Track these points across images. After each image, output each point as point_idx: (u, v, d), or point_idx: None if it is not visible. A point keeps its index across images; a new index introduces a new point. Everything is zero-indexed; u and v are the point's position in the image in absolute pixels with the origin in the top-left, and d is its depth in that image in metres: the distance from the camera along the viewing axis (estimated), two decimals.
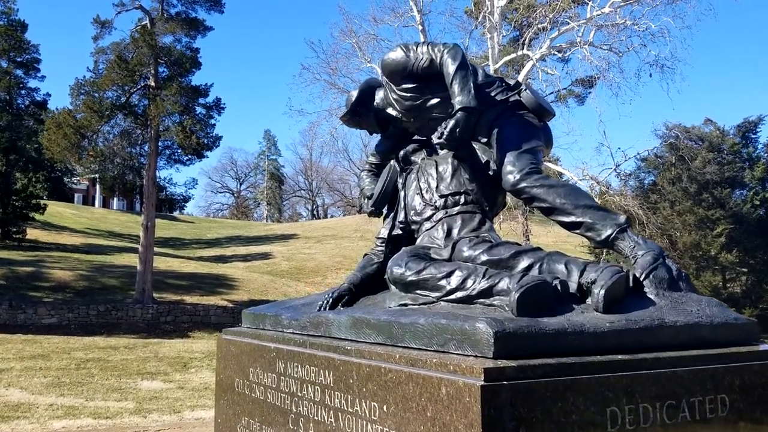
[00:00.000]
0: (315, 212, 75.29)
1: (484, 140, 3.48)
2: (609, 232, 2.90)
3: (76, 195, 61.85)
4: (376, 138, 4.18)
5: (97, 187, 59.00)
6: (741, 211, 32.06)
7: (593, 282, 2.47)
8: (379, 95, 3.79)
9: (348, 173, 61.59)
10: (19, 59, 34.21)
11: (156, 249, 27.64)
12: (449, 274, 2.70)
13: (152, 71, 25.62)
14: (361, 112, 3.82)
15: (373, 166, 4.12)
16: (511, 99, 3.48)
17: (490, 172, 3.34)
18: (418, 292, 2.80)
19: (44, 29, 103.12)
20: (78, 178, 53.89)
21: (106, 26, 26.11)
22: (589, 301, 2.48)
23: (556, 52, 23.50)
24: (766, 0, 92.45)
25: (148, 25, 25.50)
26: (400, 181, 3.72)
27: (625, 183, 28.49)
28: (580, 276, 2.56)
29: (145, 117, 25.37)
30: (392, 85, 3.61)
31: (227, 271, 30.78)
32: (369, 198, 3.87)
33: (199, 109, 26.36)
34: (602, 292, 2.37)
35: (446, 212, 3.36)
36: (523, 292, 2.31)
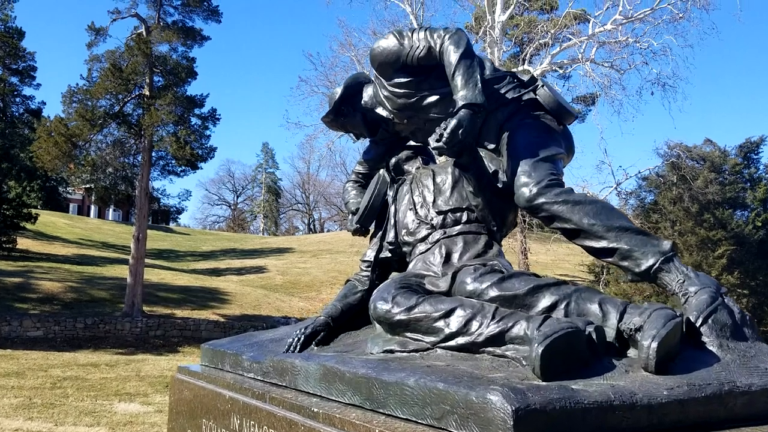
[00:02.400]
0: (312, 226, 74.67)
1: (492, 146, 2.89)
2: (651, 261, 2.30)
3: (71, 205, 61.34)
4: (366, 145, 3.58)
5: (93, 196, 58.47)
6: (743, 232, 31.69)
7: (638, 329, 1.88)
8: (368, 92, 3.20)
9: (345, 181, 61.00)
10: (14, 66, 33.77)
11: (149, 261, 27.05)
12: (448, 313, 2.11)
13: (147, 80, 25.16)
14: (346, 112, 3.22)
15: (360, 176, 3.52)
16: (525, 97, 2.89)
17: (499, 185, 2.75)
18: (409, 335, 2.20)
19: (40, 36, 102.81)
20: (73, 188, 53.36)
21: (100, 34, 25.70)
22: (631, 353, 1.88)
23: (557, 68, 23.31)
24: None
25: (144, 33, 25.06)
26: (390, 193, 3.12)
27: (625, 202, 28.10)
28: (620, 320, 1.97)
29: (138, 126, 24.87)
30: (383, 80, 3.02)
31: (220, 284, 30.19)
32: (354, 213, 3.27)
33: (194, 120, 25.88)
34: (654, 345, 1.77)
35: (445, 232, 2.77)
36: (549, 344, 1.71)
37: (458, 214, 2.80)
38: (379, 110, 3.14)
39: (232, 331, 22.78)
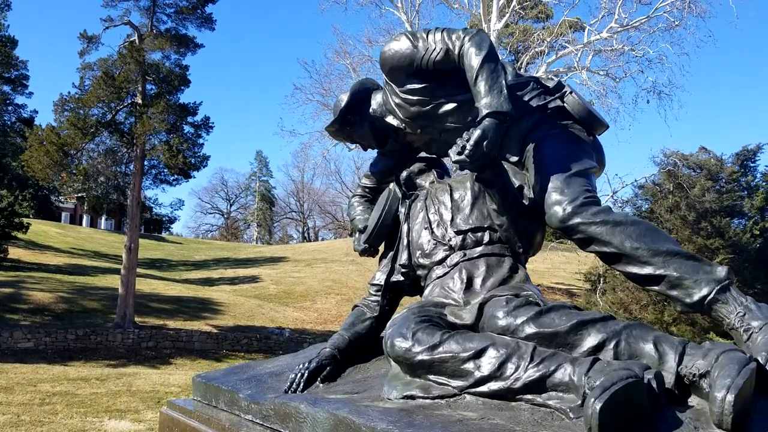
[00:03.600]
0: (306, 234, 74.27)
1: (515, 159, 2.62)
2: (704, 291, 2.03)
3: (63, 214, 60.97)
4: (371, 157, 3.30)
5: (85, 206, 58.10)
6: (740, 240, 31.61)
7: (703, 375, 1.60)
8: (377, 100, 2.92)
9: (340, 195, 60.91)
10: (6, 75, 33.50)
11: (141, 271, 26.69)
12: (479, 353, 1.83)
13: (139, 88, 24.90)
14: (353, 120, 2.93)
15: (368, 190, 3.23)
16: (551, 105, 2.63)
17: (525, 201, 2.48)
18: (432, 377, 1.92)
19: (32, 44, 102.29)
20: (65, 197, 52.99)
21: (93, 41, 25.50)
22: (693, 401, 1.60)
23: (553, 77, 23.18)
24: (766, 26, 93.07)
25: (137, 41, 24.82)
26: (402, 210, 2.84)
27: (621, 210, 27.95)
28: (679, 362, 1.70)
29: (131, 135, 24.58)
30: (394, 86, 2.74)
31: (213, 294, 29.84)
32: (361, 232, 2.98)
33: (187, 128, 25.59)
34: (731, 398, 1.49)
35: (464, 254, 2.49)
36: (608, 399, 1.44)
37: (479, 234, 2.52)
38: (389, 119, 2.86)
39: (225, 343, 22.51)
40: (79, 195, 36.32)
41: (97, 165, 25.71)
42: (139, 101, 24.84)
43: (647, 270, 2.12)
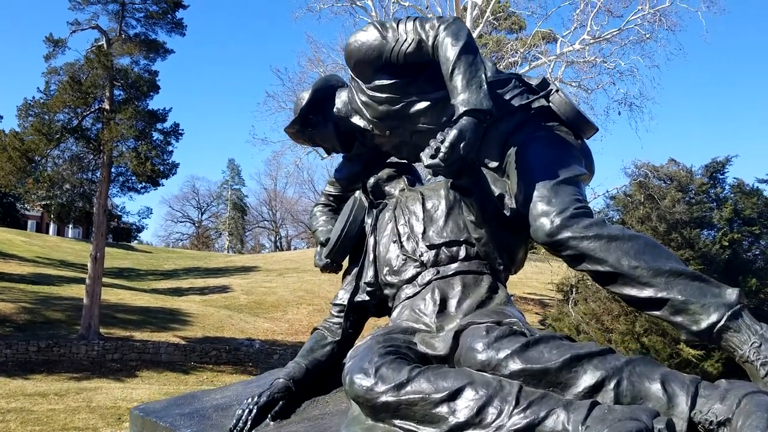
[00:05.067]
0: (278, 243, 73.70)
1: (494, 164, 2.34)
2: (713, 318, 1.77)
3: (29, 222, 59.81)
4: (338, 162, 3.01)
5: (52, 214, 57.12)
6: (710, 251, 31.88)
7: (723, 423, 1.33)
8: (342, 98, 2.62)
9: (313, 204, 60.71)
10: None
11: (108, 280, 26.15)
12: (454, 395, 1.55)
13: (107, 94, 24.43)
14: (315, 121, 2.63)
15: (332, 198, 2.92)
16: (535, 105, 2.35)
17: (506, 212, 2.19)
18: (398, 423, 1.63)
19: None
20: (30, 204, 51.96)
21: (59, 45, 25.01)
22: None
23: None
24: (735, 41, 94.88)
25: (105, 45, 24.33)
26: (368, 221, 2.54)
27: None
28: (692, 405, 1.42)
29: (97, 141, 24.08)
30: (360, 82, 2.45)
31: (182, 305, 29.31)
32: (323, 245, 2.67)
33: (156, 135, 25.19)
34: None
35: (438, 272, 2.20)
36: None
37: (454, 249, 2.24)
38: (355, 119, 2.57)
39: (194, 355, 22.06)
40: (44, 203, 35.60)
41: (63, 172, 25.20)
42: (107, 107, 24.39)
43: (647, 292, 1.85)
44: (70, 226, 59.57)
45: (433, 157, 2.00)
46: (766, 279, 30.50)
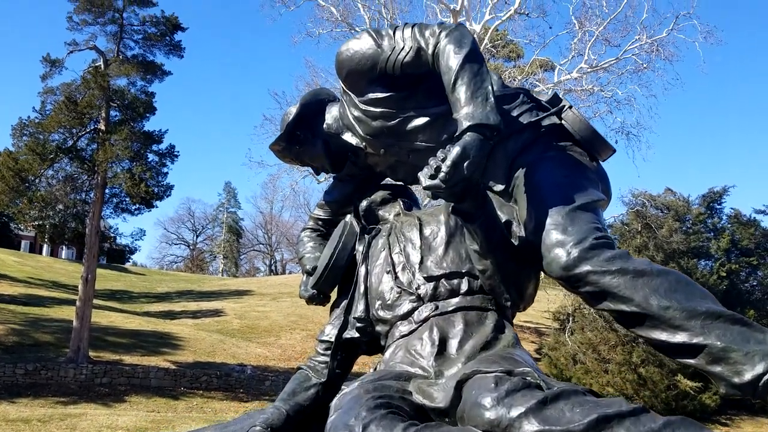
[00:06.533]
0: (273, 267, 73.35)
1: (500, 187, 2.10)
2: (759, 369, 1.53)
3: (22, 242, 59.53)
4: (328, 183, 2.76)
5: (46, 234, 56.88)
6: (708, 282, 31.77)
7: None
8: (332, 113, 2.39)
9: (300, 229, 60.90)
10: None
11: (100, 302, 25.89)
12: None
13: (103, 114, 24.39)
14: (303, 138, 2.40)
15: (321, 223, 2.67)
16: (545, 123, 2.12)
17: (514, 241, 1.95)
18: None
19: None
20: (23, 224, 51.75)
21: (56, 65, 25.05)
22: None
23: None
24: (732, 71, 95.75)
25: (102, 66, 24.29)
26: (359, 248, 2.29)
27: None
28: None
29: (92, 162, 23.96)
30: (353, 96, 2.22)
31: (174, 328, 28.97)
32: (309, 274, 2.42)
33: (151, 156, 25.14)
34: None
35: (436, 307, 1.95)
36: None
37: (455, 282, 1.99)
38: (347, 136, 2.34)
39: (184, 380, 21.74)
40: (37, 223, 35.41)
41: (56, 192, 25.06)
42: (102, 127, 24.35)
43: (680, 337, 1.61)
44: (64, 246, 59.29)
45: (432, 177, 1.76)
46: (764, 310, 30.31)
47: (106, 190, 25.01)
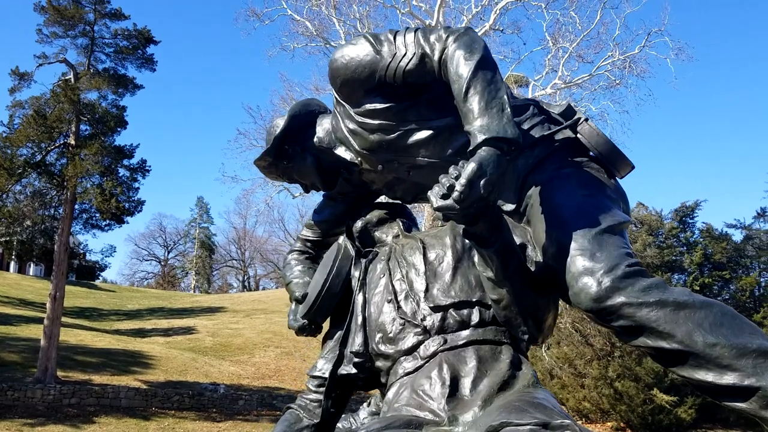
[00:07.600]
0: (246, 283, 72.62)
1: (510, 207, 1.92)
2: None
3: None
4: (318, 202, 2.56)
5: (13, 251, 55.76)
6: None
7: None
8: (324, 126, 2.18)
9: (283, 243, 60.19)
10: None
11: (69, 320, 25.32)
12: None
13: (73, 128, 23.96)
14: (292, 152, 2.18)
15: (309, 244, 2.46)
16: (559, 137, 1.94)
17: (531, 266, 1.76)
18: None
19: None
20: None
21: (25, 79, 24.64)
22: None
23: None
24: (703, 87, 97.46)
25: (72, 79, 23.89)
26: (355, 274, 2.07)
27: None
28: None
29: (61, 177, 23.51)
30: (347, 107, 2.01)
31: (144, 347, 28.42)
32: (299, 302, 2.21)
33: (122, 171, 24.75)
34: None
35: (445, 340, 1.75)
36: None
37: (465, 312, 1.78)
38: (340, 151, 2.13)
39: (155, 400, 21.29)
40: (4, 239, 34.64)
41: (24, 208, 24.57)
42: (72, 142, 23.94)
43: (729, 378, 1.43)
44: (32, 263, 58.12)
45: (445, 197, 1.57)
46: None
47: (76, 206, 24.55)
